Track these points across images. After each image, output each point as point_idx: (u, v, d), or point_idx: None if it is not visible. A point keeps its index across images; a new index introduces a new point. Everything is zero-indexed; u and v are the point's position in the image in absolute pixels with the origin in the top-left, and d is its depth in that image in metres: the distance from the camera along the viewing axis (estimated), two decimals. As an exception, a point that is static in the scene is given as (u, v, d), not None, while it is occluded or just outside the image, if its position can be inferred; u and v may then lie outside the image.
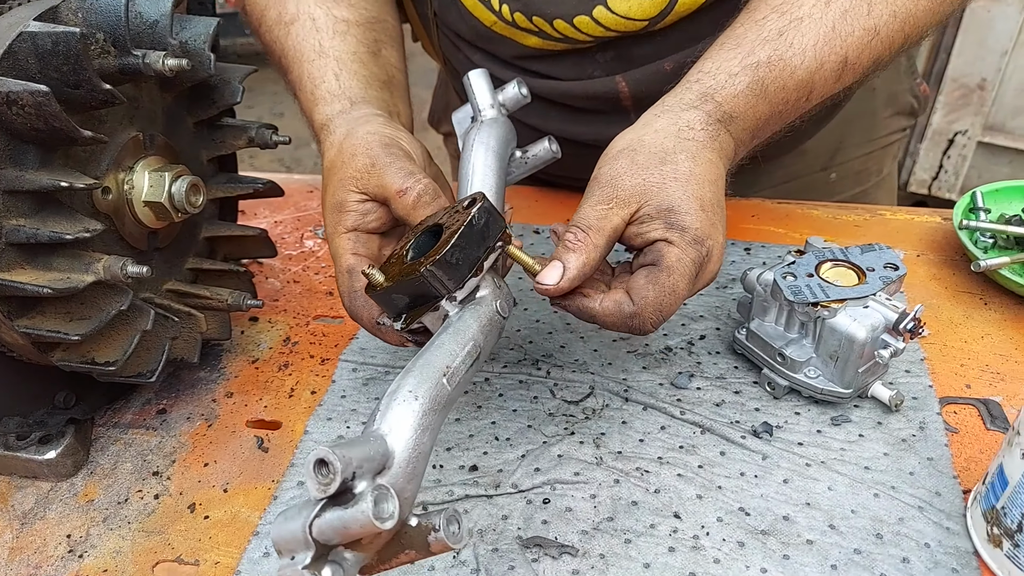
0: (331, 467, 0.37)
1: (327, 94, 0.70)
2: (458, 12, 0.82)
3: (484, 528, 0.58)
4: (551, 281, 0.56)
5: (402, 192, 0.59)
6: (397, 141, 0.62)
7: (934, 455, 0.61)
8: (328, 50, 0.72)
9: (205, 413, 0.71)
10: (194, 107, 0.68)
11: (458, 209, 0.55)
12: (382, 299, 0.54)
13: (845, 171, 1.02)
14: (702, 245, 0.57)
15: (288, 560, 0.39)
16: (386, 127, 0.64)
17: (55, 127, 0.51)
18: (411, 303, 0.53)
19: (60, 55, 0.51)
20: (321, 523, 0.38)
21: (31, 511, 0.63)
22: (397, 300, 0.53)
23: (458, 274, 0.52)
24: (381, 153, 0.60)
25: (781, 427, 0.64)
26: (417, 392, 0.45)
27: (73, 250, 0.56)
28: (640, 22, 0.76)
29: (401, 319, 0.54)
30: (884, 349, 0.61)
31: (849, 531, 0.56)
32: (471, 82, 0.68)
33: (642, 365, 0.71)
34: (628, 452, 0.63)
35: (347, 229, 0.61)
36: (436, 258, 0.51)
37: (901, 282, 0.65)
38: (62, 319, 0.56)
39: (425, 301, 0.53)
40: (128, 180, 0.61)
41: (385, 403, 0.44)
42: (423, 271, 0.51)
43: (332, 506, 0.38)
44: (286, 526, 0.39)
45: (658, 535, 0.56)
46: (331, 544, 0.39)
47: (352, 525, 0.38)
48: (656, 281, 0.56)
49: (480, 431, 0.66)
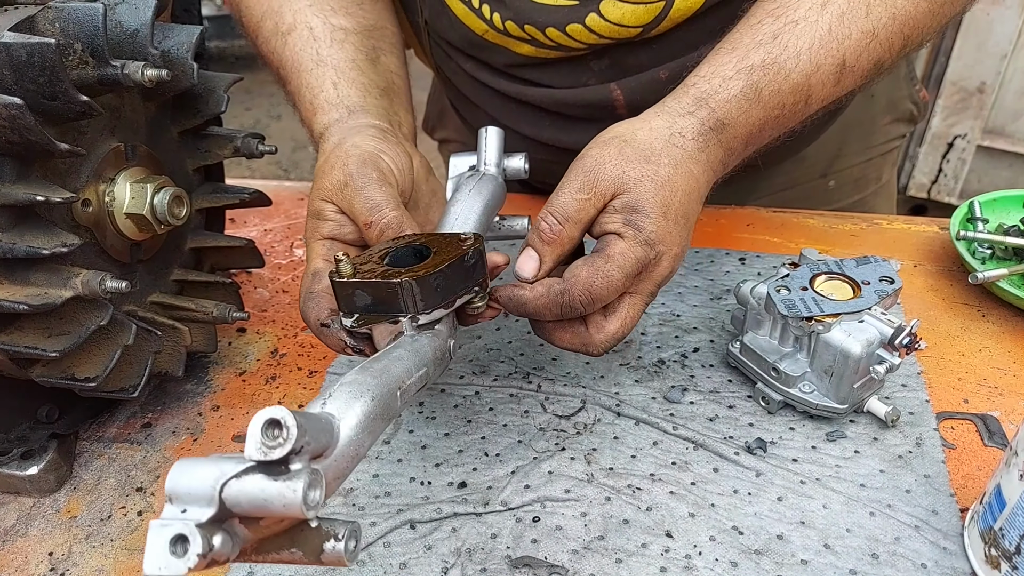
0: (284, 432, 0.33)
1: (325, 103, 0.69)
2: (449, 21, 0.81)
3: (472, 547, 0.56)
4: (528, 274, 0.58)
5: (367, 225, 0.59)
6: (376, 158, 0.62)
7: (931, 472, 0.60)
8: (326, 59, 0.71)
9: (191, 427, 0.69)
10: (178, 117, 0.67)
11: (451, 239, 0.55)
12: (343, 291, 0.52)
13: (844, 178, 1.01)
14: (652, 248, 0.57)
15: (176, 511, 0.34)
16: (372, 140, 0.63)
17: (30, 140, 0.50)
18: (370, 307, 0.52)
19: (36, 66, 0.50)
20: (239, 486, 0.34)
21: (13, 528, 0.62)
22: (358, 298, 0.52)
23: (432, 300, 0.52)
24: (355, 173, 0.60)
25: (775, 443, 0.63)
26: (374, 392, 0.43)
27: (51, 264, 0.55)
28: (634, 29, 0.74)
29: (353, 317, 0.53)
30: (880, 364, 0.60)
31: (844, 551, 0.54)
32: (487, 136, 0.68)
33: (635, 379, 0.70)
34: (620, 468, 0.62)
35: (323, 236, 0.62)
36: (419, 275, 0.50)
37: (897, 296, 0.64)
38: (40, 335, 0.55)
39: (386, 310, 0.52)
40: (109, 192, 0.60)
41: (339, 391, 0.42)
42: (402, 281, 0.50)
43: (256, 472, 0.34)
44: (191, 475, 0.34)
45: (650, 555, 0.55)
46: (232, 512, 0.35)
47: (274, 501, 0.34)
48: (592, 263, 0.56)
49: (469, 446, 0.65)
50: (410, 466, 0.63)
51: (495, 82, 0.85)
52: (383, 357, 0.47)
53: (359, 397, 0.42)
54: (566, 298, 0.56)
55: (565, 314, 0.57)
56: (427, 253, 0.54)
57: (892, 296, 0.63)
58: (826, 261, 0.66)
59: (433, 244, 0.55)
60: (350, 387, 0.42)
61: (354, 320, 0.53)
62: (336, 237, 0.62)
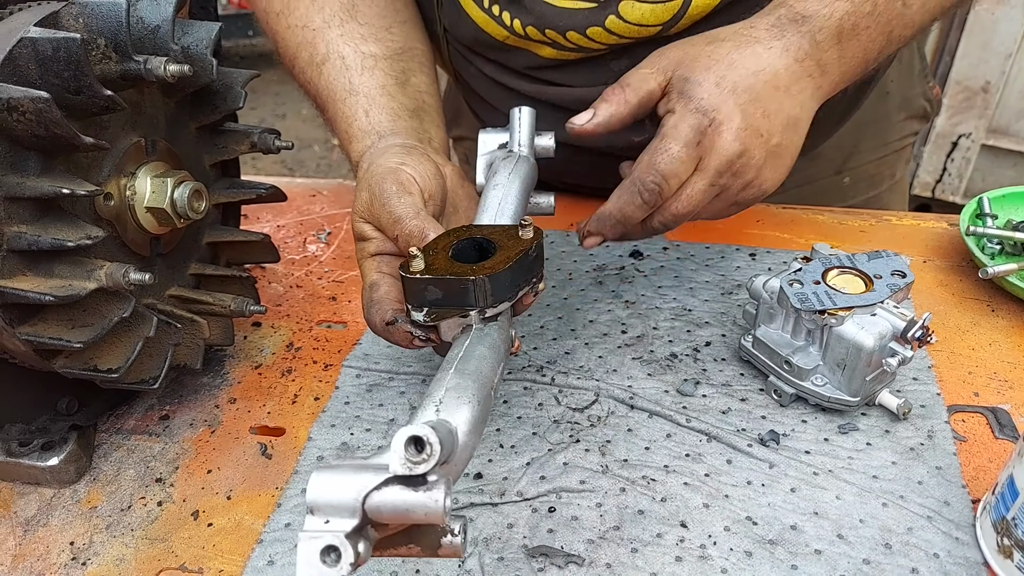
0: (428, 449, 0.36)
1: (358, 132, 0.72)
2: (468, 27, 0.82)
3: (489, 537, 0.57)
4: (580, 121, 0.63)
5: (394, 238, 0.61)
6: (396, 171, 0.63)
7: (942, 464, 0.60)
8: (358, 87, 0.73)
9: (208, 419, 0.70)
10: (196, 112, 0.68)
11: (511, 233, 0.56)
12: (414, 287, 0.53)
13: (859, 175, 1.01)
14: (704, 115, 0.58)
15: (319, 521, 0.37)
16: (395, 156, 0.65)
17: (56, 134, 0.50)
18: (440, 301, 0.53)
19: (61, 61, 0.50)
20: (381, 497, 0.37)
21: (34, 518, 0.62)
22: (429, 293, 0.53)
23: (501, 294, 0.53)
24: (376, 189, 0.62)
25: (788, 435, 0.63)
26: (478, 395, 0.45)
27: (75, 257, 0.55)
28: (653, 28, 0.75)
29: (423, 312, 0.54)
30: (892, 357, 0.60)
31: (858, 541, 0.55)
32: (521, 116, 0.69)
33: (647, 372, 0.71)
34: (634, 460, 0.62)
35: (370, 254, 0.64)
36: (493, 272, 0.52)
37: (909, 289, 0.64)
38: (64, 326, 0.56)
39: (456, 304, 0.53)
40: (130, 186, 0.60)
41: (447, 397, 0.44)
42: (476, 279, 0.52)
43: (396, 484, 0.37)
44: (332, 487, 0.37)
45: (665, 544, 0.56)
46: (372, 521, 0.38)
47: (416, 510, 0.37)
48: (651, 146, 0.60)
49: (484, 438, 0.65)
50: (426, 457, 0.64)
51: (515, 83, 0.85)
52: (470, 358, 0.49)
53: (468, 402, 0.44)
54: (637, 185, 0.59)
55: (647, 201, 0.60)
56: (488, 246, 0.56)
57: (904, 290, 0.64)
58: (838, 256, 0.67)
59: (494, 237, 0.56)
60: (456, 392, 0.44)
61: (424, 315, 0.54)
62: (382, 252, 0.64)
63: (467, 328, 0.54)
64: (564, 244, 0.89)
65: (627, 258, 0.86)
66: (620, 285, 0.82)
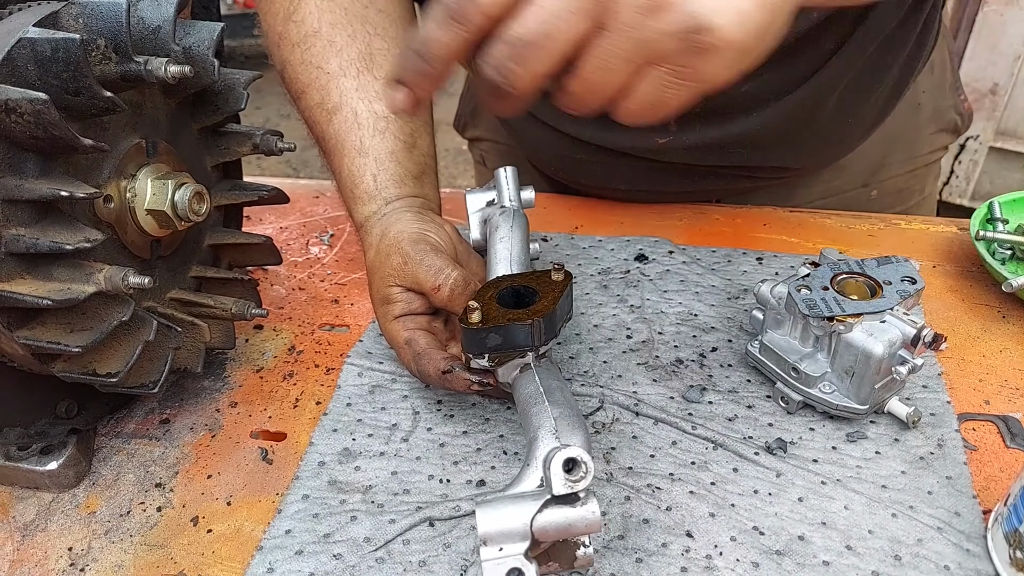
0: (583, 467, 0.43)
1: (364, 194, 0.74)
2: None
3: (491, 545, 0.56)
4: None
5: (436, 289, 0.65)
6: (424, 236, 0.68)
7: (953, 474, 0.59)
8: (368, 149, 0.75)
9: (209, 423, 0.70)
10: (198, 113, 0.67)
11: (544, 277, 0.61)
12: (476, 336, 0.58)
13: (886, 188, 1.00)
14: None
15: (494, 550, 0.43)
16: (414, 223, 0.69)
17: (55, 135, 0.50)
18: (499, 347, 0.58)
19: (60, 62, 0.50)
20: (545, 519, 0.43)
21: (32, 523, 0.62)
22: (490, 340, 0.58)
23: (551, 331, 0.58)
24: (411, 251, 0.66)
25: (795, 443, 0.62)
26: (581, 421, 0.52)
27: (74, 260, 0.55)
28: None
29: (485, 358, 0.59)
30: (901, 365, 0.59)
31: (866, 552, 0.54)
32: (507, 176, 0.75)
33: (652, 378, 0.70)
34: (639, 468, 0.61)
35: (395, 317, 0.67)
36: (545, 314, 0.57)
37: (919, 296, 0.63)
38: (63, 330, 0.55)
39: (514, 347, 0.58)
40: (131, 188, 0.60)
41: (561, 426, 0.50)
42: (534, 321, 0.56)
43: (554, 504, 0.43)
44: (501, 517, 0.43)
45: (670, 554, 0.55)
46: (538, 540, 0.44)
47: (577, 524, 0.43)
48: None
49: (488, 444, 0.65)
50: (429, 464, 0.63)
51: None
52: (552, 391, 0.55)
53: (580, 427, 0.51)
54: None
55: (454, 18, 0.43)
56: (525, 292, 0.61)
57: (914, 296, 0.63)
58: (847, 261, 0.66)
59: (530, 284, 0.61)
60: (565, 421, 0.51)
61: (488, 361, 0.59)
62: (407, 313, 0.67)
63: (525, 367, 0.58)
64: (568, 247, 0.88)
65: (632, 262, 0.85)
66: (625, 289, 0.81)
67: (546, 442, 0.49)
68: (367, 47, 0.78)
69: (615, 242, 0.88)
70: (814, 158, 0.76)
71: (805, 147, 0.86)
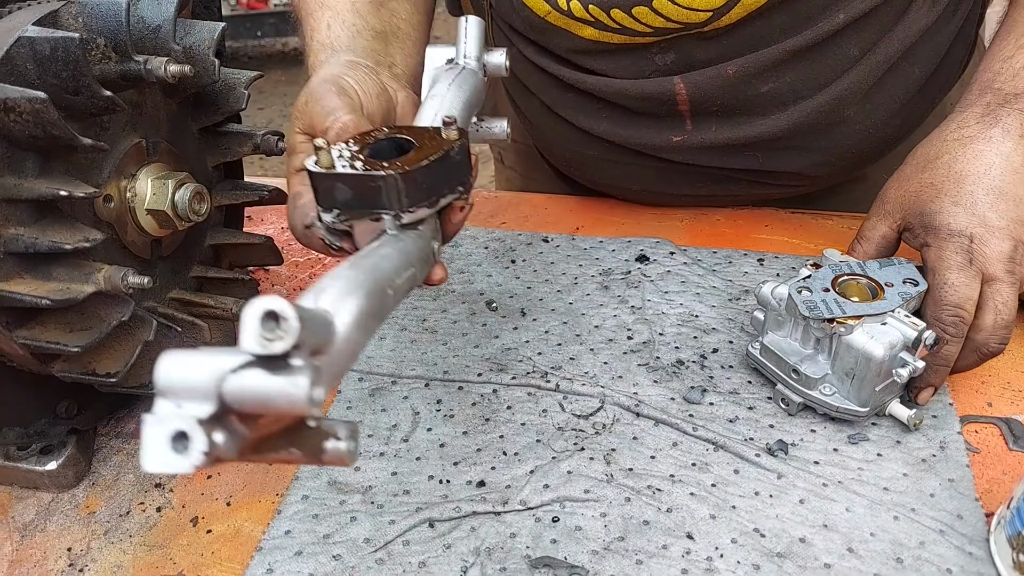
0: (284, 324, 0.31)
1: (317, 44, 0.71)
2: (511, 3, 0.79)
3: (492, 546, 0.56)
4: None
5: (324, 131, 0.56)
6: (337, 78, 0.60)
7: (955, 476, 0.59)
8: (330, 2, 0.73)
9: (208, 424, 0.69)
10: (198, 113, 0.67)
11: (434, 134, 0.51)
12: (322, 183, 0.48)
13: None
14: (960, 235, 0.60)
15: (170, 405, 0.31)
16: (339, 68, 0.62)
17: (54, 135, 0.50)
18: (351, 202, 0.49)
19: (59, 61, 0.50)
20: (239, 381, 0.31)
21: (31, 523, 0.62)
22: (339, 192, 0.48)
23: (417, 196, 0.48)
24: (314, 90, 0.59)
25: (796, 445, 0.62)
26: (366, 288, 0.40)
27: (73, 260, 0.55)
28: (703, 13, 0.72)
29: (333, 213, 0.49)
30: (903, 368, 0.59)
31: (868, 555, 0.54)
32: (468, 26, 0.64)
33: (653, 379, 0.69)
34: (639, 469, 0.61)
35: (296, 170, 0.59)
36: (405, 170, 0.47)
37: (921, 298, 0.63)
38: (62, 330, 0.55)
39: (368, 207, 0.48)
40: (131, 187, 0.60)
41: (331, 286, 0.39)
42: (387, 175, 0.47)
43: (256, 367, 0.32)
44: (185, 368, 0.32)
45: (671, 556, 0.55)
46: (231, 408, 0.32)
47: (276, 399, 0.31)
48: (930, 287, 0.62)
49: (488, 445, 0.64)
50: (428, 464, 0.63)
51: (555, 68, 0.83)
52: (370, 255, 0.44)
53: (352, 293, 0.39)
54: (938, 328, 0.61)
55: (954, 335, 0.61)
56: (409, 148, 0.50)
57: (916, 298, 0.62)
58: (848, 262, 0.66)
59: (415, 137, 0.51)
60: (342, 282, 0.39)
61: (334, 216, 0.49)
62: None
63: (382, 234, 0.49)
64: (570, 248, 0.88)
65: (633, 263, 0.85)
66: (626, 290, 0.81)
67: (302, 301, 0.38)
68: None
69: (616, 243, 0.88)
70: (832, 167, 0.76)
71: (823, 155, 0.85)
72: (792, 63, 0.76)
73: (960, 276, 0.60)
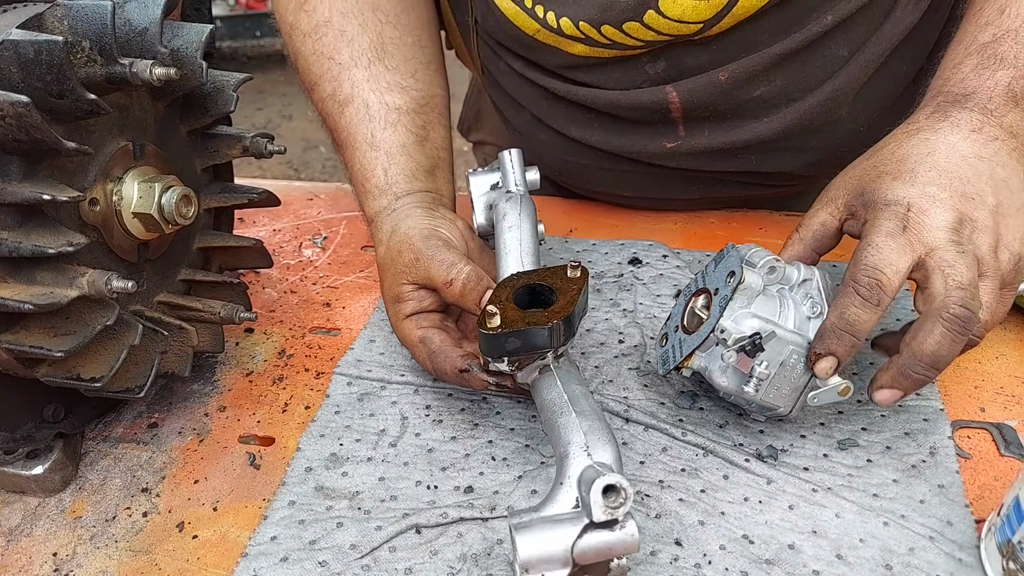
0: (622, 494, 0.44)
1: (375, 189, 0.74)
2: (497, 21, 0.80)
3: (479, 553, 0.56)
4: None
5: (448, 284, 0.64)
6: (436, 231, 0.67)
7: (945, 482, 0.58)
8: (379, 143, 0.75)
9: (197, 428, 0.69)
10: (187, 116, 0.67)
11: (559, 273, 0.60)
12: (496, 341, 0.56)
13: None
14: (897, 204, 0.57)
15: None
16: (425, 218, 0.69)
17: (37, 138, 0.49)
18: (518, 350, 0.57)
19: (43, 64, 0.49)
20: (585, 544, 0.44)
21: (17, 527, 0.61)
22: (510, 344, 0.56)
23: (570, 332, 0.57)
24: (422, 247, 0.66)
25: (786, 450, 0.62)
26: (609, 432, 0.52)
27: (57, 264, 0.54)
28: (694, 25, 0.72)
29: (504, 361, 0.58)
30: (751, 379, 0.57)
31: (857, 562, 0.53)
32: (512, 159, 0.73)
33: (643, 383, 0.69)
34: (628, 474, 0.61)
35: (407, 315, 0.67)
36: (564, 315, 0.56)
37: (736, 291, 0.57)
38: (46, 334, 0.55)
39: (534, 349, 0.57)
40: (117, 191, 0.59)
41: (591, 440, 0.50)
42: (553, 324, 0.55)
43: (593, 529, 0.45)
44: (541, 545, 0.45)
45: (659, 563, 0.54)
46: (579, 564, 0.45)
47: (617, 547, 0.45)
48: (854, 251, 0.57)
49: (476, 450, 0.64)
50: (416, 470, 0.63)
51: (545, 81, 0.83)
52: (576, 398, 0.55)
53: (609, 441, 0.51)
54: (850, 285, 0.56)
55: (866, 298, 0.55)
56: (542, 290, 0.59)
57: (745, 295, 0.57)
58: (702, 272, 0.62)
59: (547, 281, 0.60)
60: (595, 435, 0.51)
61: (509, 364, 0.58)
62: (419, 311, 0.67)
63: (544, 368, 0.58)
64: (563, 251, 0.88)
65: (626, 265, 0.84)
66: (618, 293, 0.81)
67: (578, 459, 0.49)
68: (379, 36, 0.77)
69: (609, 246, 0.88)
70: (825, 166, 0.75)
71: (816, 154, 0.85)
72: (783, 66, 0.76)
73: (886, 240, 0.55)
